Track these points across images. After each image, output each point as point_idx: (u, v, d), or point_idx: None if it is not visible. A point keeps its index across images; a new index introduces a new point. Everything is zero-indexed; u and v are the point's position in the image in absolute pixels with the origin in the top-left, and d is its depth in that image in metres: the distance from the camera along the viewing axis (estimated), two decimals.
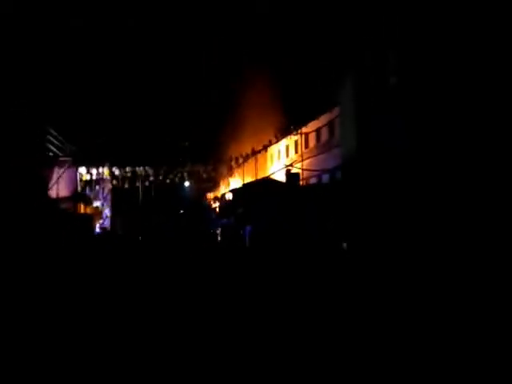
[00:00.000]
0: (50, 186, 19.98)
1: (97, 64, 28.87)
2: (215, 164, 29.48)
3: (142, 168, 26.36)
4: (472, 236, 5.31)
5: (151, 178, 27.19)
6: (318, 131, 19.49)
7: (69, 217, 17.37)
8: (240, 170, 27.52)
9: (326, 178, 17.75)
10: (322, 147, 18.92)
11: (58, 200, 19.80)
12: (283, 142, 23.45)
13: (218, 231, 21.28)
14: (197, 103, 30.79)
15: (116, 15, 29.07)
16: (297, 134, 21.12)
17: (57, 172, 21.26)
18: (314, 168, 18.95)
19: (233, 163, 28.02)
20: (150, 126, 30.76)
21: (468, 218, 5.36)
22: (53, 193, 20.24)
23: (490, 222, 5.16)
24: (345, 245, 9.36)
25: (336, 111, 15.96)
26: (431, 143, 6.45)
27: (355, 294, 6.92)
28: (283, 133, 22.99)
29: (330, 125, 17.90)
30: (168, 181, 28.09)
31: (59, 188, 20.93)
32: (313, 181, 19.14)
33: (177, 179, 28.22)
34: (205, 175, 29.48)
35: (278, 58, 25.39)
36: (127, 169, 25.99)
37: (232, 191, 22.13)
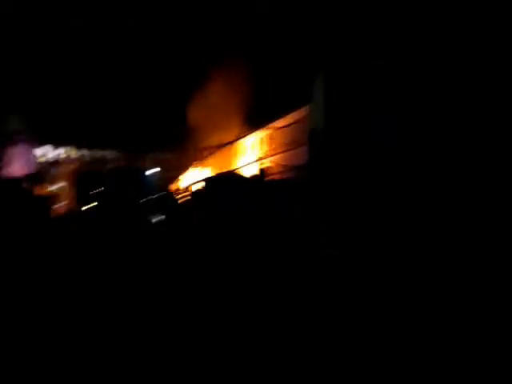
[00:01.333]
0: (8, 164, 19.09)
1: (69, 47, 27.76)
2: (181, 154, 29.09)
3: (106, 151, 25.62)
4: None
5: (114, 163, 26.50)
6: (288, 127, 19.61)
7: (28, 197, 16.68)
8: (207, 163, 27.30)
9: (292, 175, 17.90)
10: (291, 144, 19.06)
11: (18, 179, 18.97)
12: (254, 136, 23.43)
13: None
14: (166, 91, 30.17)
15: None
16: (266, 128, 21.15)
17: (17, 150, 20.33)
18: (282, 164, 19.07)
19: (201, 154, 27.73)
20: (119, 109, 29.89)
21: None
22: (12, 171, 19.36)
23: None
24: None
25: (306, 108, 16.12)
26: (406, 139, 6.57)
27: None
28: (254, 126, 22.97)
29: (300, 122, 18.04)
30: (132, 167, 27.46)
31: (18, 167, 20.03)
32: (279, 177, 19.27)
33: (140, 166, 27.61)
34: (170, 164, 29.02)
35: (250, 53, 25.27)
36: (91, 151, 25.18)
37: (197, 183, 21.93)
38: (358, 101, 8.34)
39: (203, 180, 21.48)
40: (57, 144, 23.91)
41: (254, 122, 23.14)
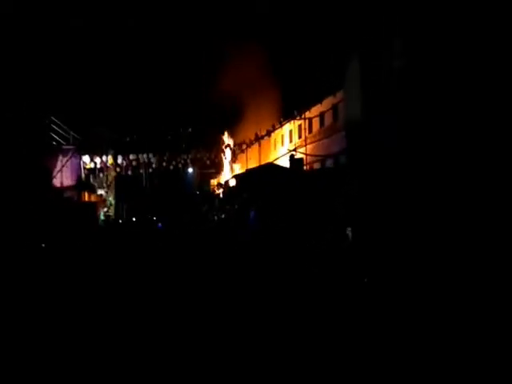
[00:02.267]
0: (53, 174, 20.01)
1: (98, 55, 28.67)
2: (218, 150, 29.37)
3: (145, 155, 26.26)
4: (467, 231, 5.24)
5: (154, 166, 27.11)
6: (321, 116, 19.29)
7: (73, 205, 17.42)
8: (243, 156, 27.40)
9: (329, 162, 17.63)
10: (326, 132, 18.75)
11: (62, 189, 19.85)
12: (287, 128, 23.26)
13: (223, 216, 21.27)
14: (199, 90, 30.54)
15: (116, 15, 28.78)
16: (300, 118, 20.91)
17: (60, 161, 21.29)
18: (317, 153, 18.81)
19: (236, 149, 27.87)
20: (153, 114, 30.63)
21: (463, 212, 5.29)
22: (57, 182, 20.29)
23: (485, 217, 5.08)
24: (349, 231, 9.31)
25: (340, 95, 15.76)
26: (442, 126, 6.33)
27: (356, 285, 6.91)
28: (286, 118, 22.78)
29: (334, 109, 17.69)
30: (171, 167, 28.01)
31: (63, 177, 20.96)
32: (316, 166, 19.02)
33: (180, 166, 28.12)
34: (208, 162, 29.38)
35: (280, 43, 25.01)
36: (130, 156, 25.89)
37: (235, 177, 22.06)
38: (393, 86, 8.08)
39: (240, 174, 21.63)
40: (100, 152, 24.84)
41: (286, 113, 22.95)
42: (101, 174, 25.74)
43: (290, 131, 22.92)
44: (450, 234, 5.70)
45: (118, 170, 26.08)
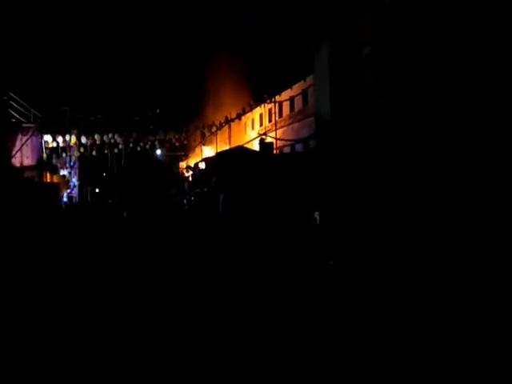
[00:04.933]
0: (13, 153, 19.11)
1: (64, 32, 27.44)
2: (188, 132, 28.89)
3: (110, 135, 25.42)
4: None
5: (120, 146, 26.34)
6: (291, 100, 19.23)
7: (34, 186, 16.71)
8: (213, 139, 27.07)
9: (299, 147, 17.66)
10: (296, 116, 18.73)
11: (22, 168, 19.02)
12: (257, 111, 23.08)
13: (191, 200, 21.06)
14: (168, 70, 29.82)
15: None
16: (270, 102, 20.78)
17: (20, 139, 20.34)
18: (287, 137, 18.79)
19: (206, 131, 27.48)
20: (121, 93, 29.69)
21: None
22: (16, 161, 19.41)
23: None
24: (317, 214, 9.38)
25: (310, 80, 15.72)
26: (408, 113, 6.39)
27: (322, 267, 6.98)
28: (257, 101, 22.60)
29: (304, 94, 17.66)
30: (139, 149, 27.33)
31: (23, 156, 20.08)
32: (286, 150, 19.04)
33: (147, 147, 27.49)
34: (177, 144, 28.86)
35: (252, 25, 24.64)
36: (95, 136, 25.00)
37: (205, 160, 21.80)
38: (361, 71, 8.10)
39: (209, 158, 21.38)
40: (63, 131, 23.88)
41: (257, 97, 22.74)
42: (63, 154, 24.81)
43: (261, 115, 22.78)
44: (416, 219, 5.80)
45: (81, 150, 25.20)
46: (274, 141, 18.77)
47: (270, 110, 21.30)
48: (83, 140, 24.68)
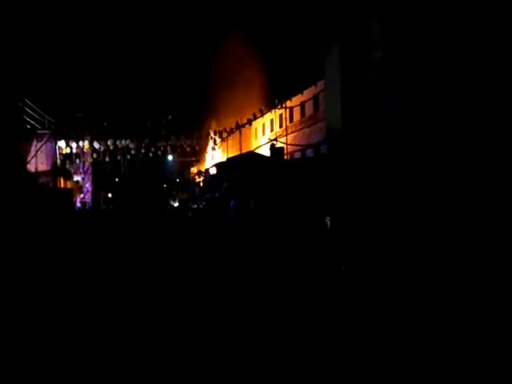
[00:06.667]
0: (28, 159, 19.46)
1: (78, 40, 27.91)
2: (199, 138, 29.07)
3: (123, 141, 25.73)
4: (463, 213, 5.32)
5: (133, 152, 26.62)
6: (302, 105, 19.28)
7: (47, 191, 16.97)
8: (224, 144, 27.22)
9: (310, 152, 17.67)
10: (307, 121, 18.76)
11: (37, 174, 19.34)
12: (268, 116, 23.17)
13: (202, 205, 21.18)
14: (180, 76, 30.10)
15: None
16: (281, 108, 20.85)
17: (35, 145, 20.72)
18: (298, 142, 18.83)
19: (217, 137, 27.64)
20: (133, 99, 30.04)
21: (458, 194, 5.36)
22: (31, 167, 19.75)
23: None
24: (328, 220, 9.38)
25: (321, 85, 15.75)
26: (420, 116, 6.38)
27: (337, 271, 6.97)
28: (268, 107, 22.69)
29: (315, 99, 17.70)
30: (151, 154, 27.58)
31: (38, 162, 20.43)
32: (297, 155, 19.06)
33: (159, 153, 27.72)
34: (188, 149, 29.07)
35: (262, 32, 24.78)
36: (108, 142, 25.33)
37: (216, 165, 21.92)
38: (372, 76, 8.11)
39: (218, 164, 21.49)
40: (76, 137, 24.20)
41: (267, 103, 22.83)
42: (77, 160, 25.17)
43: (271, 120, 22.85)
44: (427, 224, 5.79)
45: (94, 155, 25.54)
46: (284, 146, 18.84)
47: (280, 115, 21.37)
48: (96, 145, 25.02)
